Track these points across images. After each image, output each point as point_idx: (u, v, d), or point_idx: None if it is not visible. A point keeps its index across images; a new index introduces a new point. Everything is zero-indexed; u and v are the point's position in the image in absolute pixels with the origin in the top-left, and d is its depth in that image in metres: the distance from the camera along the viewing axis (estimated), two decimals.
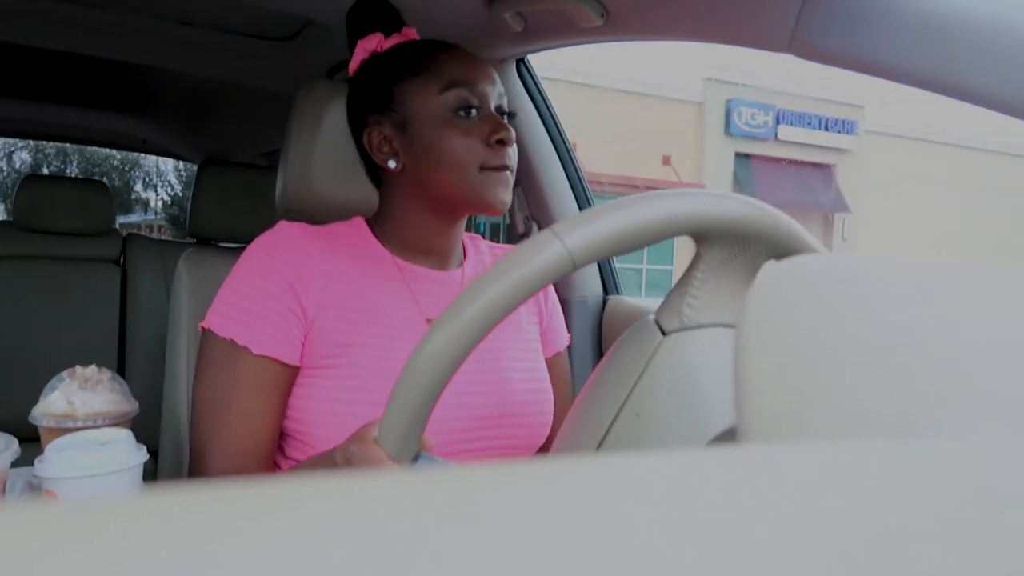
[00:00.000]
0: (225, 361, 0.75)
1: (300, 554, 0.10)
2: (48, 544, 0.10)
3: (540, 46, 1.21)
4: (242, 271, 0.78)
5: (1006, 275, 0.22)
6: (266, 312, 0.75)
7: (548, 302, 0.97)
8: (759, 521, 0.12)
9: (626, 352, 0.50)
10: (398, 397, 0.46)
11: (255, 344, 0.74)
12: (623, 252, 0.46)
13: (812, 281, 0.24)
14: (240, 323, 0.75)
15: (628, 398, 0.47)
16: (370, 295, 0.80)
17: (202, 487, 0.12)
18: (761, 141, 14.24)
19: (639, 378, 0.48)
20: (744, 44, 0.87)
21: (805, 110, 14.55)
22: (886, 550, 0.11)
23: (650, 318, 0.51)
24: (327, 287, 0.78)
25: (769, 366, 0.22)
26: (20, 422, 0.87)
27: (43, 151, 14.03)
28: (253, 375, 0.74)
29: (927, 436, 0.18)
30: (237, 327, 0.75)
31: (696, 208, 0.46)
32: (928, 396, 0.19)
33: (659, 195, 0.46)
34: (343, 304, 0.78)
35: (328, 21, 1.31)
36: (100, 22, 1.50)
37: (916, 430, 0.18)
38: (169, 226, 16.11)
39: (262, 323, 0.75)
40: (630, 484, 0.13)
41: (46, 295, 1.87)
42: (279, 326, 0.75)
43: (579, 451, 0.48)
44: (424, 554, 0.10)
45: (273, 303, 0.75)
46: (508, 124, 0.80)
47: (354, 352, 0.76)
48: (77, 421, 0.79)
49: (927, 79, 0.66)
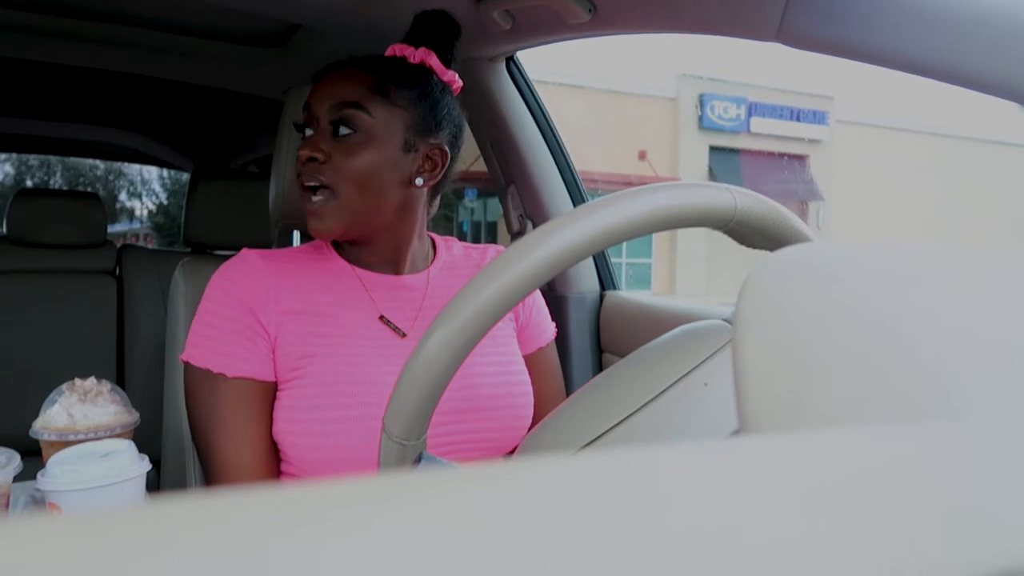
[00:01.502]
0: (206, 389, 0.79)
1: (307, 560, 0.10)
2: (54, 558, 0.10)
3: (529, 43, 1.21)
4: (206, 302, 0.82)
5: (997, 257, 0.23)
6: (233, 336, 0.79)
7: (526, 300, 0.96)
8: (759, 510, 0.12)
9: (691, 338, 0.52)
10: (405, 382, 0.46)
11: (229, 368, 0.79)
12: (613, 245, 0.46)
13: (807, 271, 0.24)
14: (212, 351, 0.79)
15: (695, 370, 0.48)
16: (327, 307, 0.84)
17: (206, 496, 0.12)
18: (734, 134, 14.38)
19: (712, 355, 0.49)
20: (731, 35, 0.87)
21: (776, 102, 14.67)
22: (885, 536, 0.11)
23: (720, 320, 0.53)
24: (284, 304, 0.82)
25: (767, 358, 0.22)
26: (21, 436, 0.87)
27: (26, 163, 13.98)
28: (235, 397, 0.79)
29: (926, 422, 0.18)
30: (210, 355, 0.79)
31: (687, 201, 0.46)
32: (926, 382, 0.19)
33: (655, 188, 0.46)
34: (300, 318, 0.82)
35: (317, 26, 1.31)
36: (89, 34, 1.49)
37: (915, 416, 0.18)
38: (155, 234, 16.14)
39: (231, 347, 0.79)
40: (639, 478, 0.13)
41: (43, 308, 1.86)
42: (247, 347, 0.79)
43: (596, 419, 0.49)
44: (437, 555, 0.10)
45: (237, 326, 0.80)
46: (334, 137, 0.81)
47: (314, 362, 0.80)
48: (78, 434, 0.79)
49: (914, 63, 0.66)
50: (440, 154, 0.85)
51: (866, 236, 15.27)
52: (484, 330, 0.45)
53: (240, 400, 0.78)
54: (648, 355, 0.52)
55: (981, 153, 15.11)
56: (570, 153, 1.41)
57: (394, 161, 0.82)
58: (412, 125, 0.83)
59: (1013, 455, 0.14)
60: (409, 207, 0.86)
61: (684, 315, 1.14)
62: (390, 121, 0.82)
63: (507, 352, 0.91)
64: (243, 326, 0.80)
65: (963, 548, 0.11)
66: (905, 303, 0.21)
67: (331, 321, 0.83)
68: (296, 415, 0.78)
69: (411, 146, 0.83)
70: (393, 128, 0.82)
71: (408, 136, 0.83)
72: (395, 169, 0.82)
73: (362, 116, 0.81)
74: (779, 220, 0.51)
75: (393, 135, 0.82)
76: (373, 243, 0.87)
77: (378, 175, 0.81)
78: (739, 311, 0.24)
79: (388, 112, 0.82)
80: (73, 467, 0.69)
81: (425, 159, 0.84)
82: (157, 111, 2.44)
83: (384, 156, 0.81)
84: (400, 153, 0.82)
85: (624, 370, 0.52)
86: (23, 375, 1.77)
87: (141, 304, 1.96)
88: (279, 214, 1.02)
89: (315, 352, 0.80)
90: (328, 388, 0.79)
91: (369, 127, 0.81)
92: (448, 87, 0.88)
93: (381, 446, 0.50)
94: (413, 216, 0.87)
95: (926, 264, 0.23)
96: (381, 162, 0.81)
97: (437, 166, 0.85)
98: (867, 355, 0.20)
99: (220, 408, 0.78)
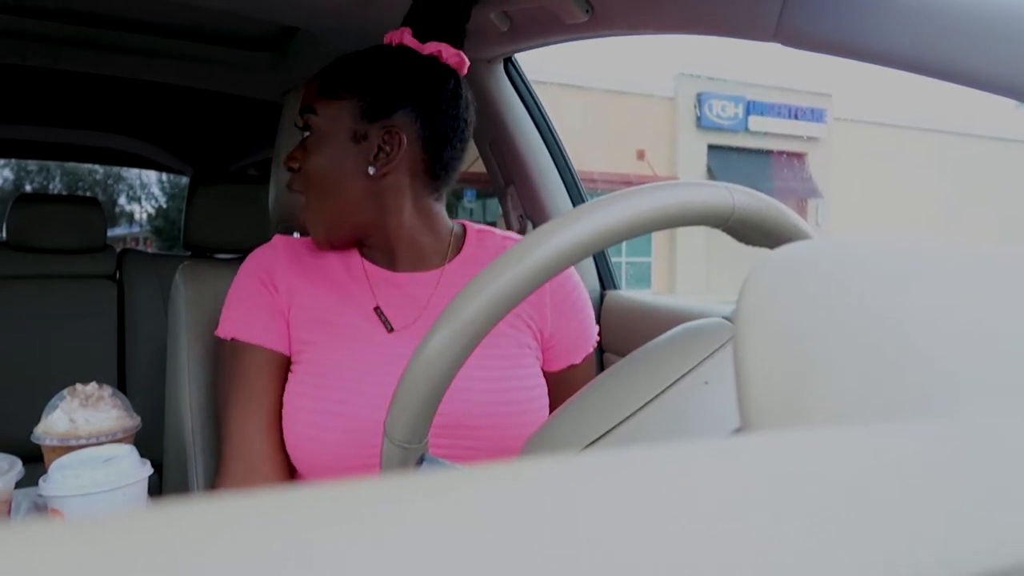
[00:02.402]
0: (229, 356, 0.85)
1: (309, 563, 0.10)
2: (57, 564, 0.10)
3: (527, 45, 1.21)
4: (236, 279, 0.88)
5: (998, 252, 0.23)
6: (252, 308, 0.84)
7: (556, 310, 0.88)
8: (762, 508, 0.12)
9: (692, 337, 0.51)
10: (405, 385, 0.46)
11: (246, 335, 0.83)
12: (613, 244, 0.46)
13: (808, 268, 0.24)
14: (236, 321, 0.85)
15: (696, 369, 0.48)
16: (330, 297, 0.85)
17: (208, 500, 0.12)
18: (733, 133, 14.40)
19: (712, 354, 0.49)
20: (729, 35, 0.87)
21: (774, 100, 14.69)
22: (887, 533, 0.11)
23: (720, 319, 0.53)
24: (295, 289, 0.85)
25: (769, 356, 0.22)
26: (22, 442, 0.87)
27: (25, 168, 13.98)
28: (250, 363, 0.83)
29: (929, 419, 0.18)
30: (234, 325, 0.84)
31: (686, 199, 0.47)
32: (929, 378, 0.19)
33: (653, 188, 0.46)
34: (306, 305, 0.85)
35: (314, 29, 1.31)
36: (87, 39, 1.49)
37: (918, 413, 0.18)
38: (155, 238, 16.15)
39: (250, 317, 0.84)
40: (642, 478, 0.13)
41: (43, 314, 1.86)
42: (263, 318, 0.84)
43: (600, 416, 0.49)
44: (439, 555, 0.10)
45: (256, 299, 0.85)
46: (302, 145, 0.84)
47: (311, 347, 0.83)
48: (80, 439, 0.79)
49: (912, 61, 0.66)
50: (394, 138, 0.80)
51: (865, 232, 15.28)
52: (484, 331, 0.45)
53: (256, 368, 0.83)
54: (649, 354, 0.52)
55: (979, 149, 15.13)
56: (569, 153, 1.41)
57: (343, 155, 0.81)
58: (359, 113, 0.80)
59: (1015, 452, 0.14)
60: (384, 198, 0.83)
61: (684, 314, 1.14)
62: (335, 116, 0.81)
63: (508, 367, 0.84)
64: (263, 300, 0.84)
65: (966, 544, 0.11)
66: (906, 298, 0.21)
67: (331, 311, 0.84)
68: (289, 399, 0.82)
69: (361, 135, 0.81)
70: (338, 123, 0.81)
71: (357, 126, 0.80)
72: (345, 163, 0.81)
73: (311, 118, 0.82)
74: (778, 218, 0.51)
75: (339, 129, 0.81)
76: (367, 239, 0.87)
77: (330, 172, 0.81)
78: (740, 309, 0.24)
79: (333, 108, 0.81)
80: (75, 472, 0.69)
81: (380, 146, 0.80)
82: (156, 115, 2.44)
83: (332, 153, 0.81)
84: (350, 145, 0.81)
85: (625, 369, 0.52)
86: (24, 380, 1.77)
87: (142, 308, 1.97)
88: (278, 217, 1.02)
89: (313, 339, 0.83)
90: (315, 374, 0.81)
91: (317, 127, 0.82)
92: (429, 62, 0.83)
93: (383, 450, 0.50)
94: (394, 206, 0.83)
95: (927, 259, 0.23)
96: (329, 159, 0.81)
97: (393, 150, 0.80)
98: (869, 351, 0.20)
99: (237, 375, 0.83)
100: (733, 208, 0.49)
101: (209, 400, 0.97)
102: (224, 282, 0.94)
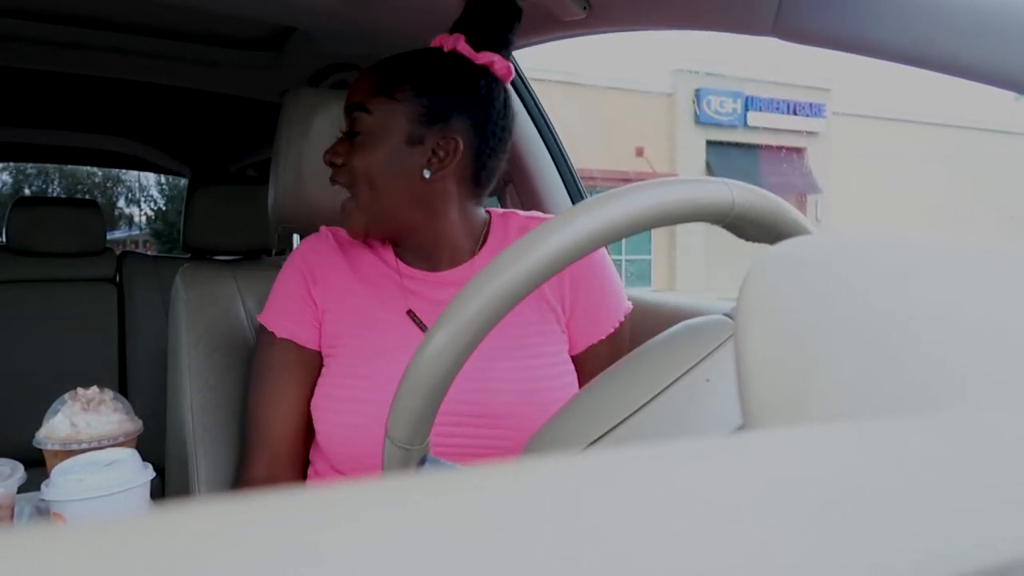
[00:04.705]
0: (264, 343, 0.88)
1: (311, 565, 0.10)
2: (60, 568, 0.10)
3: (524, 42, 1.21)
4: (283, 269, 0.90)
5: (999, 246, 0.23)
6: (289, 301, 0.87)
7: (576, 291, 0.87)
8: (765, 505, 0.12)
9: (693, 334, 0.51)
10: (406, 386, 0.46)
11: (278, 328, 0.86)
12: (612, 241, 0.46)
13: (808, 264, 0.24)
14: (272, 312, 0.88)
15: (697, 366, 0.48)
16: (365, 296, 0.86)
17: (210, 504, 0.12)
18: (731, 128, 14.38)
19: (713, 351, 0.49)
20: (727, 29, 0.87)
21: (773, 96, 14.67)
22: (890, 529, 0.11)
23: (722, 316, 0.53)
24: (332, 285, 0.87)
25: (770, 352, 0.22)
26: (24, 446, 0.86)
27: (23, 171, 13.98)
28: (279, 357, 0.86)
29: (930, 415, 0.18)
30: (270, 316, 0.88)
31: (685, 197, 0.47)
32: (931, 372, 0.19)
33: (652, 184, 0.46)
34: (341, 302, 0.86)
35: (312, 29, 1.31)
36: (84, 41, 1.49)
37: (920, 407, 0.18)
38: (154, 240, 16.14)
39: (284, 310, 0.87)
40: (644, 476, 0.13)
41: (43, 317, 1.86)
42: (297, 313, 0.86)
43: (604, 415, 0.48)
44: (441, 556, 0.10)
45: (292, 292, 0.87)
46: (349, 140, 0.83)
47: (343, 343, 0.84)
48: (82, 443, 0.79)
49: (910, 54, 0.66)
50: (450, 144, 0.81)
51: (865, 227, 15.26)
52: (485, 330, 0.45)
53: (283, 362, 0.86)
54: (650, 352, 0.52)
55: (979, 142, 15.12)
56: (568, 150, 1.41)
57: (398, 157, 0.81)
58: (418, 117, 0.81)
59: (1016, 447, 0.14)
60: (432, 201, 0.83)
61: (685, 311, 1.14)
62: (391, 117, 0.81)
63: (537, 355, 0.84)
64: (297, 293, 0.87)
65: (967, 540, 0.11)
66: (906, 294, 0.21)
67: (365, 309, 0.86)
68: (322, 391, 0.84)
69: (417, 139, 0.81)
70: (394, 123, 0.81)
71: (413, 129, 0.81)
72: (399, 164, 0.81)
73: (363, 117, 0.81)
74: (777, 213, 0.51)
75: (394, 130, 0.81)
76: (406, 240, 0.87)
77: (383, 173, 0.81)
78: (741, 305, 0.24)
79: (389, 108, 0.81)
80: (77, 477, 0.69)
81: (435, 150, 0.81)
82: (154, 117, 2.44)
83: (386, 153, 0.81)
84: (405, 147, 0.81)
85: (626, 368, 0.52)
86: (25, 385, 1.77)
87: (142, 311, 1.96)
88: (278, 218, 1.02)
89: (345, 334, 0.85)
90: (348, 372, 0.83)
91: (370, 126, 0.81)
92: (482, 72, 0.83)
93: (384, 451, 0.50)
94: (441, 210, 0.84)
95: (928, 253, 0.23)
96: (383, 159, 0.81)
97: (448, 156, 0.81)
98: (869, 347, 0.20)
99: (266, 365, 0.87)
100: (732, 204, 0.49)
101: (210, 402, 0.97)
102: (224, 284, 0.94)
